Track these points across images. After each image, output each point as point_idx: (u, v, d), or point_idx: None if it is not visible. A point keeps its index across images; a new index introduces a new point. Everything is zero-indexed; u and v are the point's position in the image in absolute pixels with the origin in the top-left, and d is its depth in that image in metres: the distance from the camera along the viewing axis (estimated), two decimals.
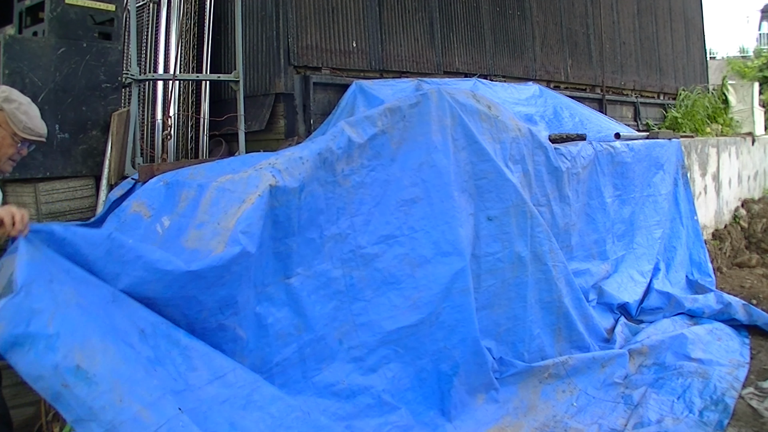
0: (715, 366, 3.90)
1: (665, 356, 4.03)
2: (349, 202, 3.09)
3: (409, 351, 3.10)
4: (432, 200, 3.29)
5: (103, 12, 3.61)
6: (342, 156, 3.06)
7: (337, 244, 3.02)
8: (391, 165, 3.25)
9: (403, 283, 3.15)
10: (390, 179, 3.22)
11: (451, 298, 3.22)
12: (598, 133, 5.51)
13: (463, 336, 3.25)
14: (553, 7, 7.05)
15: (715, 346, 4.26)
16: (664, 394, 3.58)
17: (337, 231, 3.03)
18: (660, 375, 3.80)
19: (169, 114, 4.35)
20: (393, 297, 3.12)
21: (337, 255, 3.02)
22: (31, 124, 2.35)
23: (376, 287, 3.10)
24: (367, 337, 3.02)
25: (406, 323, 3.09)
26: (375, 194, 3.17)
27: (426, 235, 3.24)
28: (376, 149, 3.22)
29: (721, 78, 12.09)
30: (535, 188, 4.11)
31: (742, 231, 7.89)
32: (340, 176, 3.06)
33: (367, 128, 3.20)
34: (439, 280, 3.20)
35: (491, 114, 3.82)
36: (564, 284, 3.94)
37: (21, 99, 2.36)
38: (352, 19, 4.75)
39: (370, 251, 3.11)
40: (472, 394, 3.29)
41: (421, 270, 3.19)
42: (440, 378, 3.15)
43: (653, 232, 5.44)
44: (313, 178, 2.91)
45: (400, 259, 3.17)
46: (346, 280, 3.01)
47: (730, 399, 3.51)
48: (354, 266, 3.05)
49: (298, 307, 2.83)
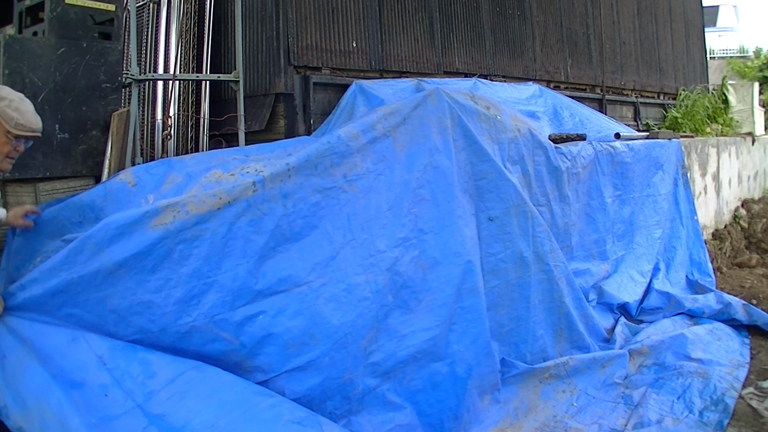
0: (715, 366, 3.90)
1: (665, 356, 4.03)
2: (361, 208, 3.06)
3: (426, 355, 3.07)
4: (438, 201, 3.29)
5: (103, 12, 3.61)
6: (339, 161, 3.02)
7: (355, 250, 2.98)
8: (398, 168, 3.23)
9: (417, 286, 3.13)
10: (398, 182, 3.20)
11: (462, 299, 3.22)
12: (598, 133, 5.51)
13: (475, 337, 3.25)
14: (553, 7, 7.04)
15: (715, 346, 4.26)
16: (664, 394, 3.58)
17: (351, 237, 2.99)
18: (660, 375, 3.80)
19: (169, 114, 4.35)
20: (409, 300, 3.10)
21: (358, 261, 2.97)
22: (23, 120, 2.31)
23: (396, 291, 3.07)
24: (384, 341, 2.99)
25: (423, 326, 3.07)
26: (387, 198, 3.15)
27: (435, 237, 3.23)
28: (382, 153, 3.20)
29: (721, 78, 12.09)
30: (535, 188, 4.11)
31: (742, 231, 7.89)
32: (344, 182, 3.03)
33: (365, 132, 3.17)
34: (451, 281, 3.19)
35: (490, 114, 3.82)
36: (565, 284, 3.95)
37: (11, 96, 2.33)
38: (352, 19, 4.75)
39: (390, 255, 3.07)
40: (481, 396, 3.30)
41: (432, 272, 3.17)
42: (456, 382, 3.13)
43: (653, 232, 5.44)
44: (302, 186, 2.87)
45: (414, 261, 3.15)
46: (371, 287, 2.97)
47: (730, 399, 3.51)
48: (378, 272, 3.01)
49: (312, 316, 2.77)
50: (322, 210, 2.94)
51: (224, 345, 2.58)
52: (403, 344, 3.02)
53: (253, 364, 2.64)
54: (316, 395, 2.74)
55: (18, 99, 2.35)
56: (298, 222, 2.85)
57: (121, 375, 2.36)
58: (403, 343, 3.02)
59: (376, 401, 2.94)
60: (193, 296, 2.53)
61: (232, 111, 4.02)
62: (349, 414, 2.87)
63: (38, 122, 2.41)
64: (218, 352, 2.58)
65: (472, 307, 3.26)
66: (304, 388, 2.71)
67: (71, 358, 2.36)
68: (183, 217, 2.49)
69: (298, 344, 2.72)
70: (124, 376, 2.36)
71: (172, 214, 2.48)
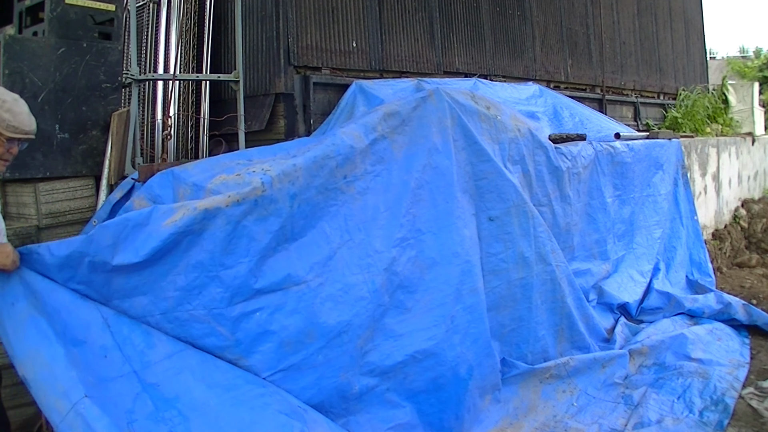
0: (715, 366, 3.90)
1: (665, 356, 4.03)
2: (358, 209, 3.06)
3: (427, 356, 3.06)
4: (436, 202, 3.29)
5: (103, 12, 3.61)
6: (343, 163, 3.03)
7: (352, 250, 2.98)
8: (396, 169, 3.23)
9: (414, 286, 3.13)
10: (396, 183, 3.20)
11: (462, 300, 3.22)
12: (598, 133, 5.51)
13: (476, 337, 3.25)
14: (553, 7, 7.04)
15: (715, 346, 4.26)
16: (664, 394, 3.58)
17: (348, 237, 2.99)
18: (660, 375, 3.81)
19: (169, 114, 4.35)
20: (406, 300, 3.10)
21: (355, 261, 2.97)
22: (16, 122, 2.28)
23: (393, 291, 3.07)
24: (380, 341, 2.99)
25: (421, 326, 3.07)
26: (385, 199, 3.15)
27: (433, 237, 3.23)
28: (379, 154, 3.20)
29: (721, 78, 12.09)
30: (536, 188, 4.11)
31: (742, 231, 7.90)
32: (343, 183, 3.03)
33: (367, 134, 3.17)
34: (449, 281, 3.19)
35: (490, 114, 3.82)
36: (566, 284, 3.95)
37: (5, 96, 2.29)
38: (352, 19, 4.75)
39: (387, 255, 3.07)
40: (482, 396, 3.29)
41: (430, 272, 3.17)
42: (457, 383, 3.13)
43: (653, 232, 5.45)
44: (308, 187, 2.88)
45: (412, 262, 3.15)
46: (368, 287, 2.98)
47: (730, 399, 3.51)
48: (375, 272, 3.01)
49: (309, 315, 2.78)
50: (321, 210, 2.95)
51: (220, 340, 2.59)
52: (401, 344, 3.02)
53: (247, 363, 2.63)
54: (312, 394, 2.74)
55: (12, 100, 2.31)
56: (300, 222, 2.85)
57: (123, 340, 2.44)
58: (400, 343, 3.02)
59: (375, 400, 2.94)
60: (195, 286, 2.57)
61: (232, 111, 4.02)
62: (347, 414, 2.87)
63: (32, 124, 2.38)
64: (214, 347, 2.59)
65: (472, 307, 3.26)
66: (299, 386, 2.71)
67: (77, 316, 2.43)
68: (192, 213, 2.53)
69: (294, 342, 2.72)
70: (126, 341, 2.44)
71: (182, 212, 2.53)
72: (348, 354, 2.85)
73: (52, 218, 3.21)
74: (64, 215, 3.27)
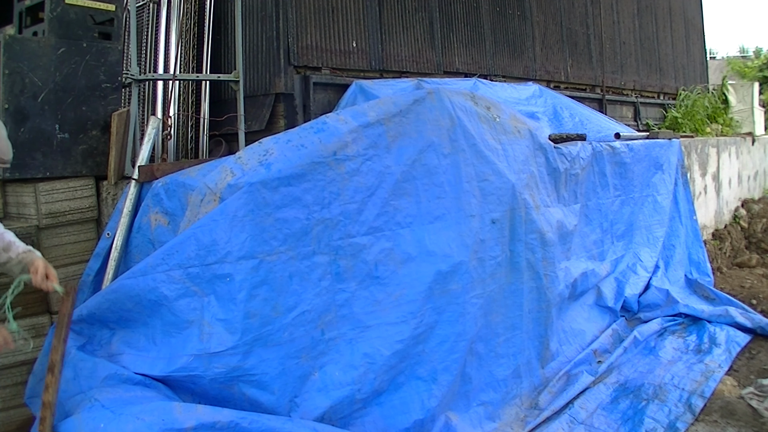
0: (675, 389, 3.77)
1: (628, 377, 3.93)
2: (343, 189, 3.01)
3: (394, 354, 2.99)
4: (420, 199, 3.25)
5: (103, 12, 3.60)
6: (328, 138, 3.00)
7: (327, 230, 2.94)
8: (387, 157, 3.18)
9: (386, 279, 3.08)
10: (384, 171, 3.16)
11: (434, 300, 3.16)
12: (598, 133, 5.51)
13: (443, 339, 3.16)
14: (553, 7, 7.05)
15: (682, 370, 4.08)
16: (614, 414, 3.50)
17: (328, 215, 2.94)
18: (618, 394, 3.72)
19: (169, 114, 4.35)
20: (376, 291, 3.05)
21: (326, 240, 2.93)
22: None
23: (360, 279, 3.03)
24: (346, 329, 2.94)
25: (386, 320, 3.02)
26: (370, 184, 3.10)
27: (411, 233, 3.19)
28: (372, 139, 3.15)
29: (721, 78, 12.09)
30: (534, 190, 4.11)
31: (742, 231, 7.90)
32: (332, 159, 2.98)
33: (359, 116, 3.15)
34: (422, 279, 3.14)
35: (490, 115, 3.82)
36: (555, 295, 3.94)
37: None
38: (352, 19, 4.75)
39: (359, 241, 3.03)
40: (446, 404, 3.18)
41: (404, 267, 3.13)
42: (419, 385, 3.06)
43: (652, 231, 5.45)
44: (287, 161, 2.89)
45: (385, 253, 3.10)
46: (332, 268, 2.94)
47: (682, 424, 3.40)
48: (342, 255, 2.97)
49: (276, 287, 2.75)
50: (308, 183, 2.92)
51: (192, 301, 2.65)
52: (366, 335, 2.96)
53: (212, 330, 2.62)
54: (275, 372, 2.71)
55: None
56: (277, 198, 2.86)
57: None
58: (366, 335, 2.96)
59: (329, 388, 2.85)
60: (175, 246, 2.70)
61: (232, 111, 4.02)
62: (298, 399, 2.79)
63: (9, 153, 2.30)
64: (184, 307, 2.67)
65: (445, 308, 3.19)
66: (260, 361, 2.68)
67: None
68: None
69: (260, 314, 2.68)
70: None
71: None
72: (309, 335, 2.82)
73: (52, 218, 3.21)
74: (64, 215, 3.27)
